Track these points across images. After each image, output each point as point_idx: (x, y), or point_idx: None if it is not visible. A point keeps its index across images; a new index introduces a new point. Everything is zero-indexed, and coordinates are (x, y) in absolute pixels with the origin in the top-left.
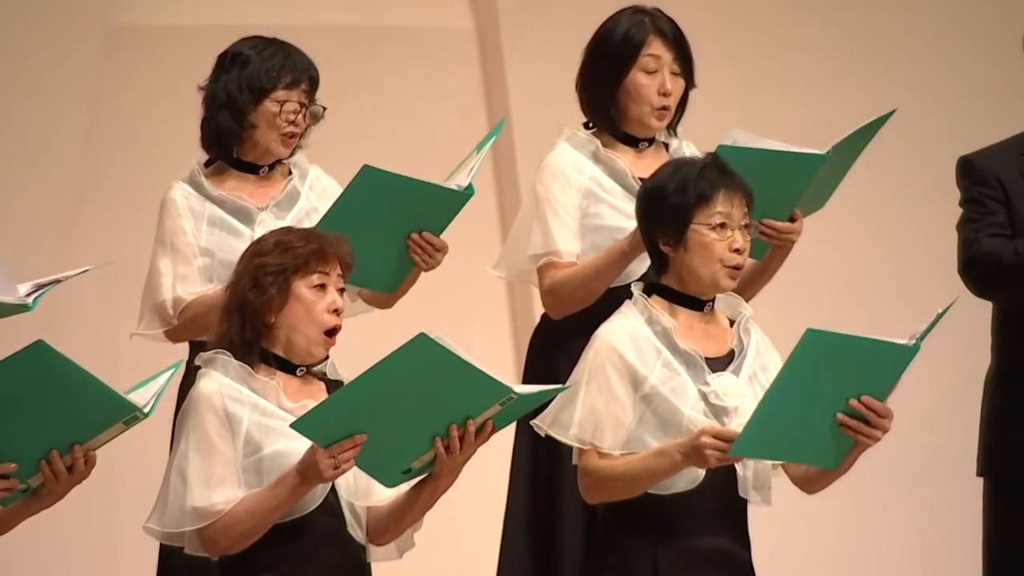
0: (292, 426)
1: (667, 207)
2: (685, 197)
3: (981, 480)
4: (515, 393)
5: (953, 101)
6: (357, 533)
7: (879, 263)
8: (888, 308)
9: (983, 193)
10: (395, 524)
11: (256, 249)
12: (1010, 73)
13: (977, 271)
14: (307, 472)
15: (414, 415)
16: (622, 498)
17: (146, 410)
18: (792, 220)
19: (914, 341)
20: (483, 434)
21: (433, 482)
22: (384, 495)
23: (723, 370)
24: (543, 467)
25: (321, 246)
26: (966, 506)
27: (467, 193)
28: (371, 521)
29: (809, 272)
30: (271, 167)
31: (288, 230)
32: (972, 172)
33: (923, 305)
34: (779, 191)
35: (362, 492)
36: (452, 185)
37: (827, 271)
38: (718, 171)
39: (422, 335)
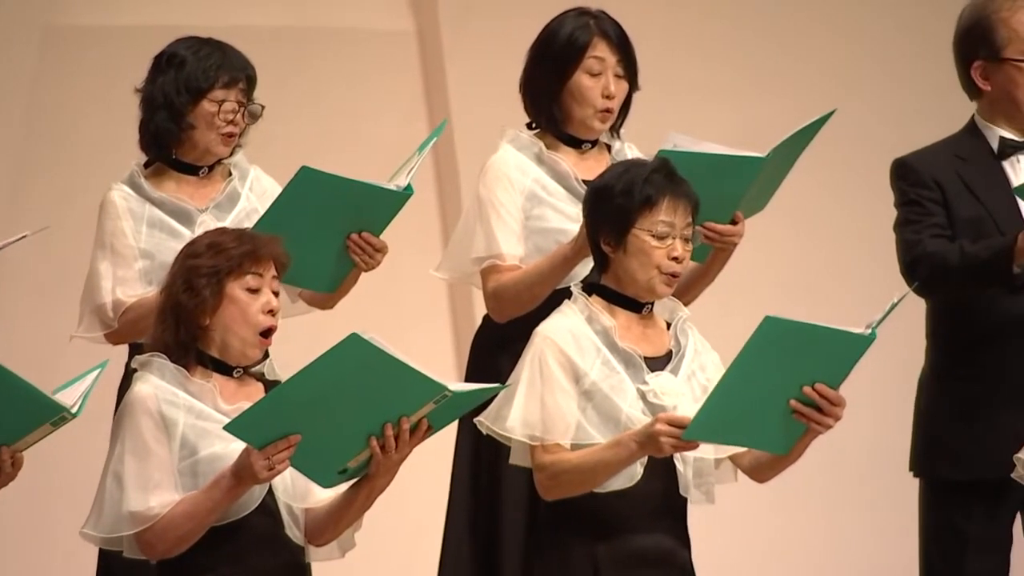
0: (225, 428)
1: (611, 207)
2: (630, 200)
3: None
4: (449, 391)
5: (891, 101)
6: (295, 534)
7: (818, 263)
8: (828, 307)
9: (921, 195)
10: (333, 525)
11: (189, 251)
12: (948, 73)
13: (923, 272)
14: (242, 473)
15: (348, 415)
16: (580, 492)
17: (74, 410)
18: (733, 223)
19: (870, 330)
20: (418, 433)
21: (369, 482)
22: (322, 496)
23: (661, 370)
24: (484, 468)
25: (255, 247)
26: (905, 504)
27: (406, 193)
28: (309, 522)
29: (749, 273)
30: (211, 168)
31: (221, 231)
32: (909, 174)
33: (862, 303)
34: (720, 194)
35: (299, 494)
36: (391, 185)
37: (766, 272)
38: (666, 177)
39: (354, 335)
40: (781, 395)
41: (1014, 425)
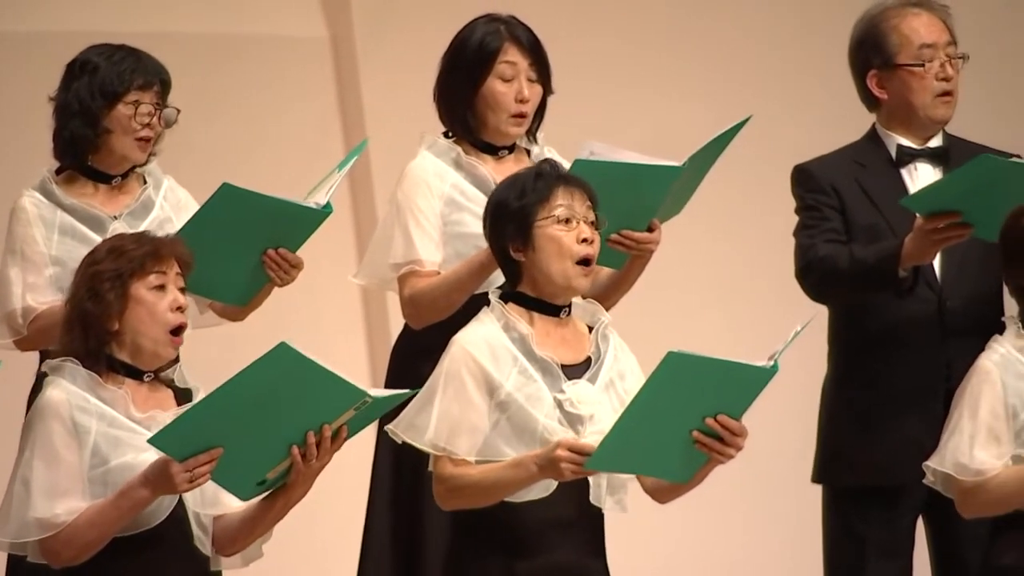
0: (149, 441)
1: (510, 214)
2: (526, 199)
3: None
4: (370, 396)
5: (804, 106)
6: (203, 543)
7: (733, 266)
8: (743, 310)
9: (819, 200)
10: (245, 535)
11: (90, 259)
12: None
13: (813, 276)
14: (158, 484)
15: (271, 425)
16: (476, 506)
17: None
18: (650, 230)
19: (772, 362)
20: (338, 440)
21: (287, 492)
22: (232, 503)
23: (579, 377)
24: (405, 476)
25: (155, 247)
26: (813, 511)
27: (325, 211)
28: (219, 532)
29: (666, 275)
30: (124, 175)
31: (120, 236)
32: (808, 180)
33: (777, 306)
34: (637, 202)
35: (209, 501)
36: (310, 203)
37: (682, 275)
38: (554, 172)
39: (283, 344)
40: (683, 426)
41: (909, 430)
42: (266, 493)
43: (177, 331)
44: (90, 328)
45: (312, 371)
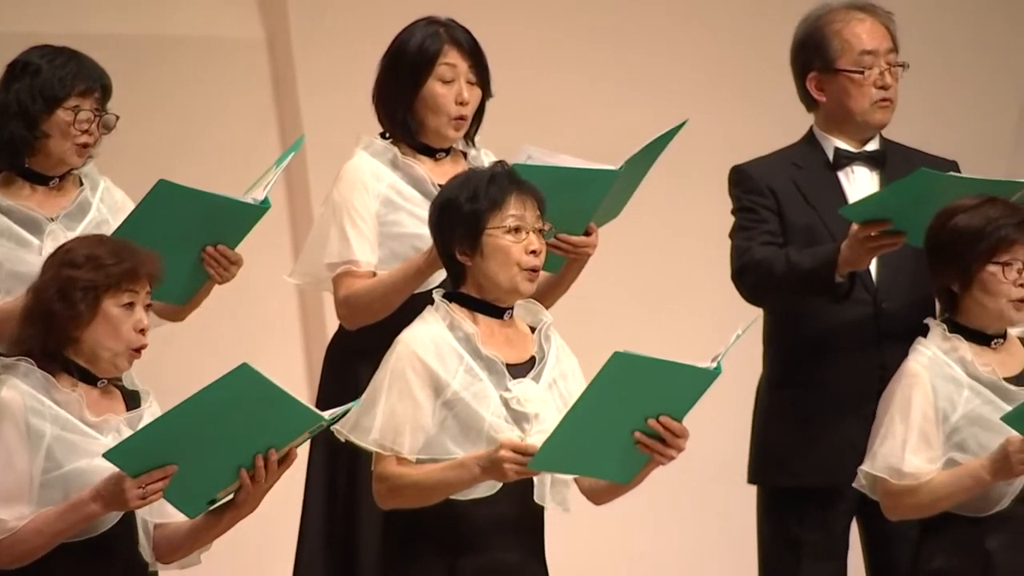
0: (105, 455)
1: (461, 216)
2: (478, 204)
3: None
4: (325, 420)
5: (740, 109)
6: (146, 551)
7: (672, 268)
8: (679, 312)
9: (756, 202)
10: (189, 546)
11: (66, 259)
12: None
13: (749, 279)
14: (109, 499)
15: (225, 445)
16: (416, 506)
17: None
18: (587, 234)
19: (715, 364)
20: (287, 462)
21: (235, 510)
22: (178, 514)
23: (524, 376)
24: (340, 475)
25: (134, 265)
26: (749, 512)
27: (263, 207)
28: (162, 540)
29: (602, 278)
30: (62, 177)
31: (100, 241)
32: (744, 181)
33: (713, 308)
34: (574, 206)
35: (156, 510)
36: (248, 199)
37: (619, 278)
38: (508, 177)
39: (244, 365)
40: (626, 427)
41: (844, 432)
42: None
43: (137, 350)
44: (52, 329)
45: (271, 393)
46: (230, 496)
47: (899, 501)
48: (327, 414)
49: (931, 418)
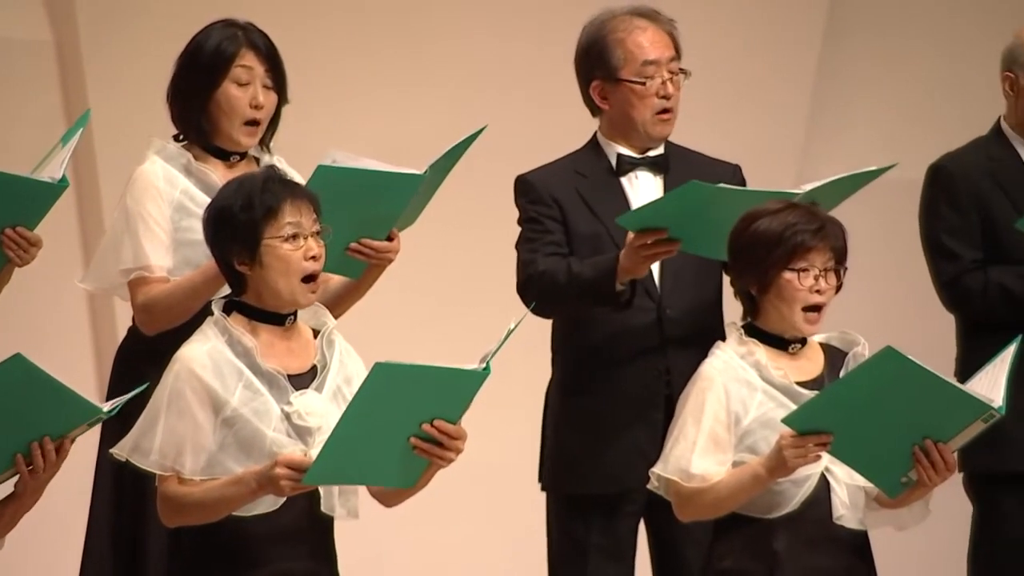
0: None
1: (236, 226)
2: (253, 213)
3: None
4: (103, 412)
5: (538, 114)
6: None
7: (461, 273)
8: (471, 317)
9: (540, 212)
10: None
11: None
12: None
13: (533, 291)
14: None
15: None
16: (200, 523)
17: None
18: (389, 239)
19: (484, 365)
20: (63, 452)
21: (16, 501)
22: None
23: (307, 387)
24: (127, 476)
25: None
26: (539, 516)
27: (61, 186)
28: None
29: (394, 283)
30: None
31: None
32: (529, 191)
33: (503, 313)
34: (378, 211)
35: None
36: (45, 178)
37: (411, 282)
38: (281, 183)
39: (18, 355)
40: (401, 433)
41: (631, 437)
42: None
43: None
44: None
45: (46, 384)
46: (10, 485)
47: (689, 502)
48: (105, 406)
49: (723, 421)
